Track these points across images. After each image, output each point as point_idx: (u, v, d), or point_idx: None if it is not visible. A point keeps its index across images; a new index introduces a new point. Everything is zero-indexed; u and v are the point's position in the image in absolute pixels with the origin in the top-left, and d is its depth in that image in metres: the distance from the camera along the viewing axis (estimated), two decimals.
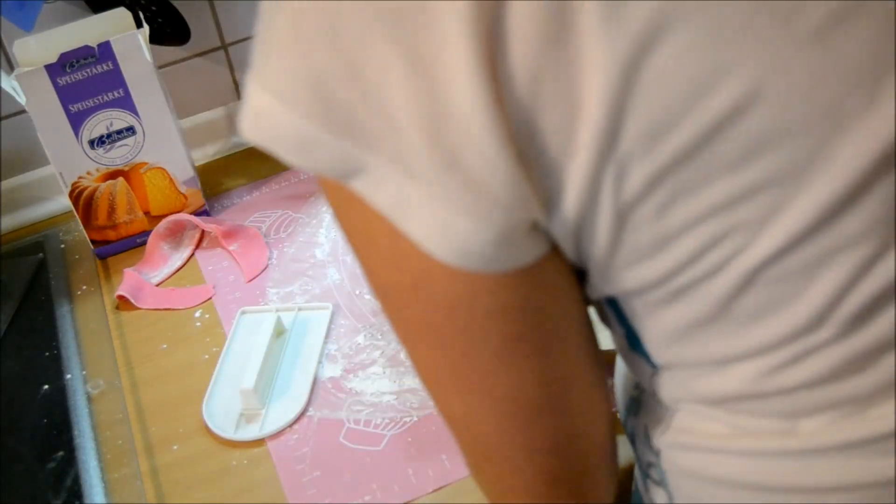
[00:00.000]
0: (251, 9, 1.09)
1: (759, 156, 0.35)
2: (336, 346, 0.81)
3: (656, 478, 0.50)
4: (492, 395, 0.43)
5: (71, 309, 0.92)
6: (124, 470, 0.74)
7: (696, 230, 0.37)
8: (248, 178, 1.07)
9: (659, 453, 0.49)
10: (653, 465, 0.50)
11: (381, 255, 0.41)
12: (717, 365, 0.43)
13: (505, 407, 0.43)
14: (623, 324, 0.45)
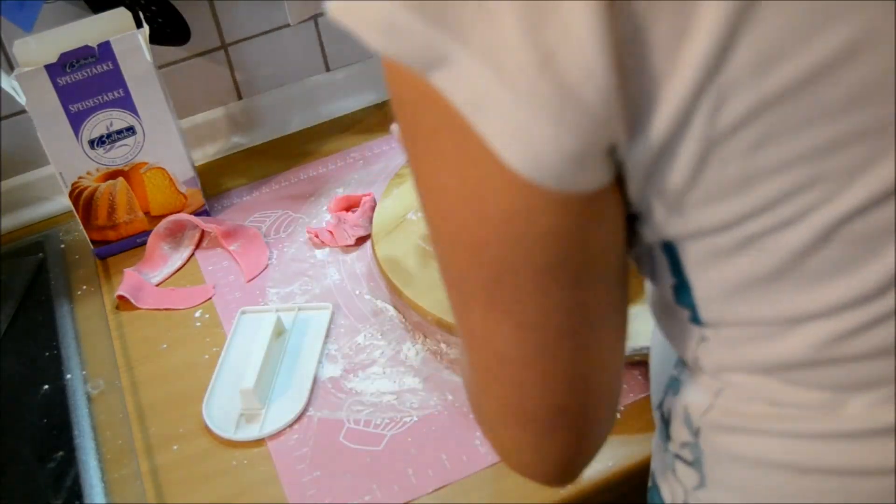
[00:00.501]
0: (251, 9, 1.10)
1: (859, 106, 0.35)
2: (336, 346, 0.81)
3: (689, 458, 0.49)
4: (519, 318, 0.42)
5: (71, 309, 0.92)
6: (124, 470, 0.74)
7: (781, 174, 0.36)
8: (248, 178, 1.07)
9: (698, 432, 0.48)
10: (688, 445, 0.49)
11: (442, 158, 0.38)
12: (776, 326, 0.42)
13: (529, 332, 0.42)
14: (676, 273, 0.44)
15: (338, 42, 1.15)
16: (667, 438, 0.51)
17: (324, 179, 1.04)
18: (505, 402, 0.46)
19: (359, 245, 0.92)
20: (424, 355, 0.78)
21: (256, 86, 1.13)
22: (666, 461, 0.52)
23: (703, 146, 0.36)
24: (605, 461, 0.67)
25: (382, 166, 1.04)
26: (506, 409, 0.46)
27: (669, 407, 0.50)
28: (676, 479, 0.51)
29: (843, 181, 0.36)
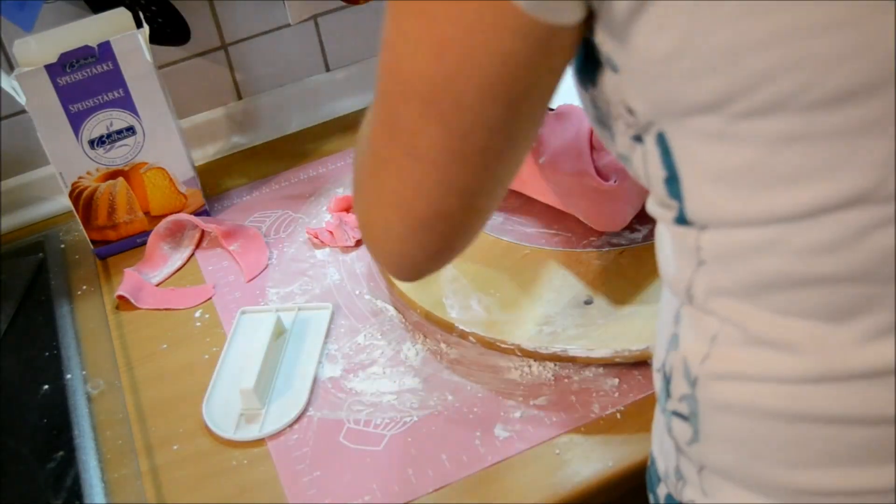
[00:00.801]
0: (251, 9, 1.10)
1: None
2: (336, 346, 0.81)
3: (685, 411, 0.49)
4: (450, 124, 0.45)
5: (71, 309, 0.92)
6: (124, 470, 0.74)
7: (768, 49, 0.37)
8: (248, 178, 1.07)
9: (696, 382, 0.48)
10: (685, 398, 0.49)
11: None
12: (760, 229, 0.42)
13: (454, 139, 0.46)
14: (667, 165, 0.45)
15: (338, 42, 1.15)
16: (667, 397, 0.51)
17: (324, 179, 1.04)
18: (396, 194, 0.49)
19: (359, 245, 0.92)
20: (424, 355, 0.78)
21: (256, 86, 1.13)
22: (663, 423, 0.53)
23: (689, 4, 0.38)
24: (605, 461, 0.67)
25: None
26: (393, 199, 0.50)
27: (671, 363, 0.51)
28: (671, 438, 0.52)
29: (830, 66, 0.37)
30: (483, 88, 0.44)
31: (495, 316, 0.78)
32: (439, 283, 0.82)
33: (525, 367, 0.75)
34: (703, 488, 0.50)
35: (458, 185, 0.48)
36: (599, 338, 0.73)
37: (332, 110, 1.16)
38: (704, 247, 0.45)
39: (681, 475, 0.52)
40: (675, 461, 0.52)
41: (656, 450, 0.56)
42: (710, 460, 0.49)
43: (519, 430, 0.71)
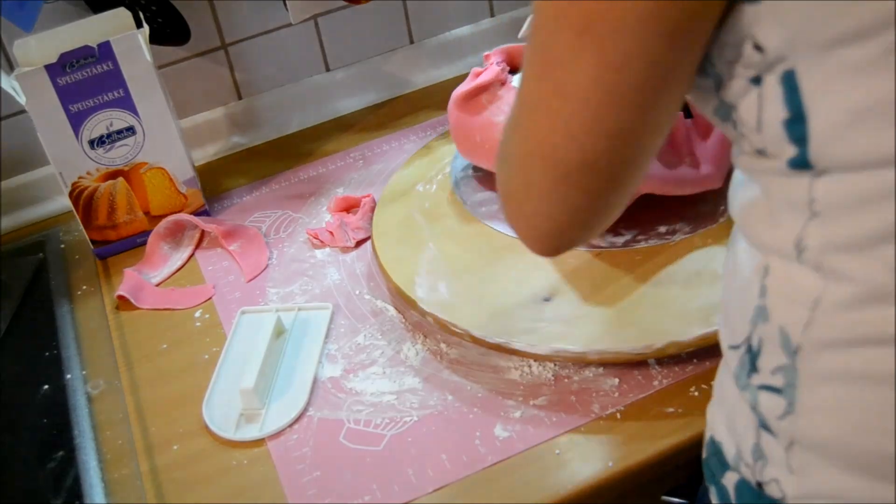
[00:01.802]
0: (251, 9, 1.10)
1: None
2: (336, 346, 0.81)
3: (780, 384, 0.48)
4: (606, 54, 0.44)
5: (71, 309, 0.92)
6: (124, 470, 0.74)
7: None
8: (248, 178, 1.07)
9: (797, 350, 0.47)
10: (781, 370, 0.48)
11: None
12: (889, 167, 0.40)
13: (609, 72, 0.44)
14: (792, 104, 0.43)
15: (338, 42, 1.15)
16: (751, 372, 0.50)
17: (324, 179, 1.04)
18: (541, 141, 0.48)
19: (359, 245, 0.92)
20: (424, 355, 0.78)
21: (256, 86, 1.13)
22: (741, 401, 0.51)
23: None
24: (605, 461, 0.67)
25: (382, 166, 1.04)
26: (537, 148, 0.48)
27: (760, 336, 0.49)
28: (755, 415, 0.50)
29: None
30: (644, 13, 0.42)
31: (456, 300, 0.78)
32: (417, 262, 0.83)
33: (525, 367, 0.75)
34: (791, 465, 0.49)
35: (610, 128, 0.46)
36: (545, 335, 0.74)
37: (332, 110, 1.16)
38: (819, 197, 0.44)
39: (761, 454, 0.50)
40: (753, 440, 0.51)
41: (723, 434, 0.54)
42: (804, 434, 0.47)
43: (519, 430, 0.71)
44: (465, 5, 1.19)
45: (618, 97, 0.45)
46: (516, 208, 0.52)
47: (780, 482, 0.49)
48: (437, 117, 1.12)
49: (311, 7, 1.05)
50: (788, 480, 0.49)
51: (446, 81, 1.20)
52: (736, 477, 0.53)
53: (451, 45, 1.20)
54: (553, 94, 0.46)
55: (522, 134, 0.49)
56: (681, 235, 0.81)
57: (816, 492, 0.48)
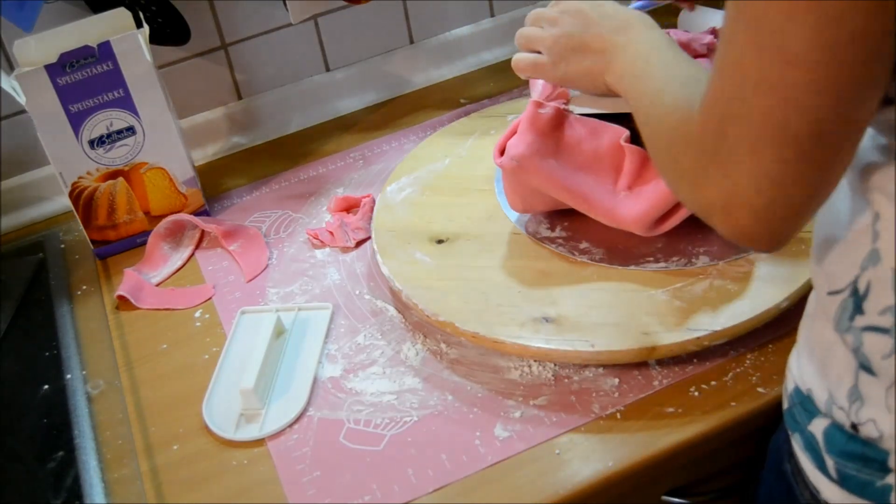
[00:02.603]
0: (251, 9, 1.10)
1: None
2: (336, 346, 0.81)
3: (888, 325, 0.51)
4: (821, 10, 0.44)
5: (71, 309, 0.92)
6: (124, 470, 0.74)
7: None
8: (248, 178, 1.07)
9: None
10: (890, 309, 0.51)
11: None
12: None
13: (829, 27, 0.44)
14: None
15: (338, 42, 1.15)
16: (855, 314, 0.53)
17: (324, 179, 1.04)
18: (768, 121, 0.47)
19: (359, 245, 0.92)
20: (424, 355, 0.78)
21: (256, 86, 1.13)
22: (838, 346, 0.54)
23: None
24: (605, 461, 0.67)
25: (382, 166, 1.04)
26: (764, 131, 0.48)
27: (869, 279, 0.52)
28: (855, 359, 0.53)
29: None
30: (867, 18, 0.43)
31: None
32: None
33: (525, 367, 0.75)
34: (890, 405, 0.52)
35: (836, 90, 0.46)
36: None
37: (332, 110, 1.16)
38: None
39: (858, 395, 0.53)
40: (851, 383, 0.54)
41: (812, 381, 0.57)
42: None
43: (519, 430, 0.71)
44: (465, 5, 1.19)
45: (840, 52, 0.45)
46: (742, 212, 0.51)
47: (878, 422, 0.52)
48: (438, 117, 1.12)
49: (311, 7, 1.05)
50: (886, 419, 0.52)
51: (446, 81, 1.20)
52: (826, 423, 0.56)
53: (451, 45, 1.20)
54: (776, 63, 0.46)
55: (744, 124, 0.49)
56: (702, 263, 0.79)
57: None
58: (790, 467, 0.61)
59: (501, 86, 1.16)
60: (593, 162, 0.81)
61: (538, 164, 0.80)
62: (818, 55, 0.45)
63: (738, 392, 0.71)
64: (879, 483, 0.53)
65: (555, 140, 0.81)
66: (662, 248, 0.81)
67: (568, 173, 0.81)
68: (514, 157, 0.79)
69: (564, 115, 0.82)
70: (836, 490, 0.56)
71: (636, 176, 0.79)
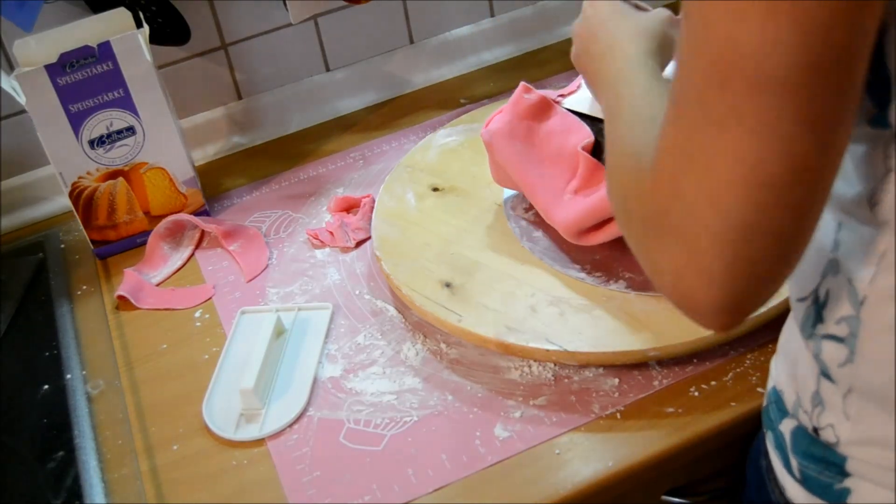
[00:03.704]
0: (251, 9, 1.10)
1: None
2: (336, 346, 0.81)
3: (843, 333, 0.51)
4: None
5: (71, 309, 0.92)
6: (124, 470, 0.74)
7: None
8: (248, 178, 1.07)
9: (864, 301, 0.50)
10: (846, 319, 0.51)
11: None
12: None
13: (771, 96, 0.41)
14: (877, 69, 0.43)
15: (338, 42, 1.15)
16: (816, 323, 0.53)
17: (324, 179, 1.04)
18: (733, 159, 0.42)
19: (358, 245, 0.92)
20: (424, 355, 0.78)
21: (256, 86, 1.13)
22: (805, 350, 0.55)
23: None
24: (605, 461, 0.67)
25: (382, 166, 1.04)
26: (731, 172, 0.42)
27: (828, 288, 0.52)
28: (816, 364, 0.54)
29: None
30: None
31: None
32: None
33: (525, 367, 0.75)
34: (847, 412, 0.52)
35: (815, 117, 0.42)
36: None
37: (332, 110, 1.16)
38: (893, 154, 0.45)
39: (820, 400, 0.54)
40: (813, 388, 0.54)
41: (784, 383, 0.58)
42: (862, 381, 0.51)
43: (519, 430, 0.71)
44: (465, 5, 1.19)
45: (824, 74, 0.41)
46: (700, 273, 0.45)
47: (836, 427, 0.53)
48: (437, 117, 1.12)
49: (311, 7, 1.05)
50: (843, 426, 0.53)
51: (446, 81, 1.20)
52: (793, 423, 0.57)
53: (451, 45, 1.20)
54: (744, 91, 0.42)
55: (703, 170, 0.43)
56: None
57: (869, 437, 0.52)
58: (765, 464, 0.62)
59: (501, 86, 1.16)
60: (555, 157, 0.83)
61: (504, 144, 0.84)
62: (799, 78, 0.41)
63: (738, 392, 0.71)
64: (838, 486, 0.54)
65: (529, 127, 0.84)
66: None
67: (527, 161, 0.83)
68: (488, 131, 0.84)
69: (550, 105, 0.85)
70: (800, 490, 0.57)
71: (585, 183, 0.80)
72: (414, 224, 0.89)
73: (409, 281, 0.82)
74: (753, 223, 0.43)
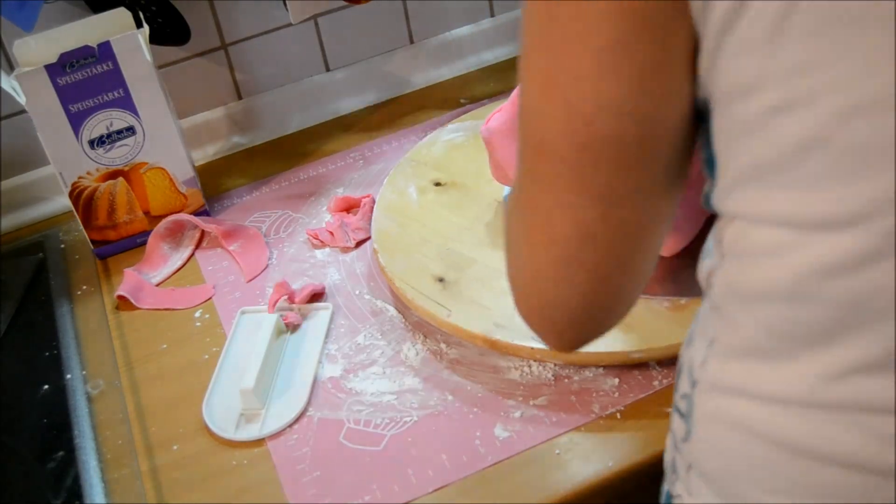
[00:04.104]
0: (251, 9, 1.10)
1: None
2: (336, 346, 0.81)
3: (684, 409, 0.50)
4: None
5: (71, 309, 0.92)
6: (124, 470, 0.74)
7: (809, 41, 0.37)
8: (248, 178, 1.07)
9: (696, 384, 0.49)
10: (686, 397, 0.50)
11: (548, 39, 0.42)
12: (773, 231, 0.42)
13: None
14: (707, 147, 0.45)
15: (338, 42, 1.15)
16: (675, 391, 0.53)
17: (324, 179, 1.04)
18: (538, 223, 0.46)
19: (359, 245, 0.92)
20: (424, 355, 0.78)
21: (256, 86, 1.13)
22: (672, 412, 0.54)
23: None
24: (605, 461, 0.67)
25: (382, 166, 1.04)
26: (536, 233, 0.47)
27: (683, 359, 0.52)
28: (672, 431, 0.53)
29: (862, 68, 0.37)
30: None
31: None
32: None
33: (525, 367, 0.75)
34: (688, 487, 0.51)
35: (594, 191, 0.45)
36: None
37: (332, 110, 1.16)
38: (724, 240, 0.46)
39: (675, 468, 0.53)
40: (672, 454, 0.54)
41: (668, 436, 0.56)
42: (697, 461, 0.50)
43: (519, 430, 0.71)
44: (465, 5, 1.19)
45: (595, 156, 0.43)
46: (531, 306, 0.51)
47: (683, 499, 0.52)
48: (437, 117, 1.12)
49: (311, 7, 1.05)
50: (687, 500, 0.51)
51: (446, 81, 1.20)
52: (665, 484, 0.56)
53: (451, 45, 1.20)
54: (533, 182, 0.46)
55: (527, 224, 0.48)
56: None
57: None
58: None
59: (501, 86, 1.16)
60: None
61: (501, 142, 0.84)
62: (574, 154, 0.43)
63: None
64: None
65: None
66: None
67: None
68: (487, 129, 0.85)
69: None
70: None
71: None
72: (413, 218, 0.90)
73: (403, 274, 0.82)
74: (552, 276, 0.47)
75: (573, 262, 0.46)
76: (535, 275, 0.48)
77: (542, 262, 0.47)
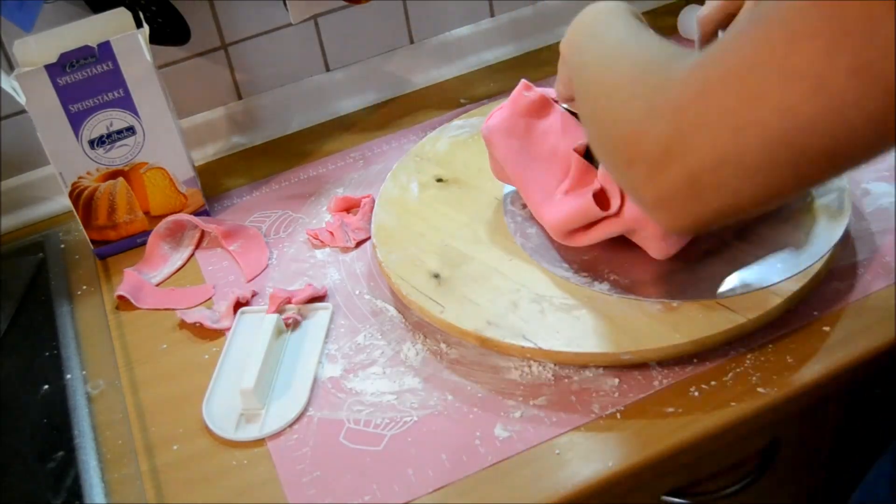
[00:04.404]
0: (251, 9, 1.10)
1: None
2: (336, 346, 0.81)
3: None
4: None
5: (71, 309, 0.92)
6: (124, 470, 0.74)
7: None
8: (248, 178, 1.07)
9: None
10: None
11: None
12: None
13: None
14: None
15: (338, 42, 1.15)
16: None
17: (324, 179, 1.04)
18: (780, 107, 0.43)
19: (358, 246, 0.92)
20: (424, 355, 0.78)
21: (256, 86, 1.13)
22: None
23: None
24: (605, 461, 0.67)
25: (382, 166, 1.04)
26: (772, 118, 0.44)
27: None
28: None
29: None
30: None
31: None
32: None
33: (525, 367, 0.75)
34: None
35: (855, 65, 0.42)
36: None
37: (332, 110, 1.16)
38: None
39: None
40: None
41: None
42: None
43: (519, 430, 0.71)
44: (465, 5, 1.19)
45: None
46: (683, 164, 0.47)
47: None
48: (437, 117, 1.12)
49: (311, 7, 1.05)
50: None
51: (446, 81, 1.20)
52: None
53: (451, 45, 1.20)
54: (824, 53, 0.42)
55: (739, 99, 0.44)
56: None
57: None
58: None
59: (501, 86, 1.16)
60: (550, 156, 0.83)
61: (501, 141, 0.84)
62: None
63: (738, 392, 0.71)
64: None
65: (527, 124, 0.85)
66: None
67: (524, 158, 0.84)
68: (487, 127, 0.85)
69: (550, 104, 0.85)
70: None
71: (576, 184, 0.80)
72: (412, 214, 0.90)
73: (398, 269, 0.82)
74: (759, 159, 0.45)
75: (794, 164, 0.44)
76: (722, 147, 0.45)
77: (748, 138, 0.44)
